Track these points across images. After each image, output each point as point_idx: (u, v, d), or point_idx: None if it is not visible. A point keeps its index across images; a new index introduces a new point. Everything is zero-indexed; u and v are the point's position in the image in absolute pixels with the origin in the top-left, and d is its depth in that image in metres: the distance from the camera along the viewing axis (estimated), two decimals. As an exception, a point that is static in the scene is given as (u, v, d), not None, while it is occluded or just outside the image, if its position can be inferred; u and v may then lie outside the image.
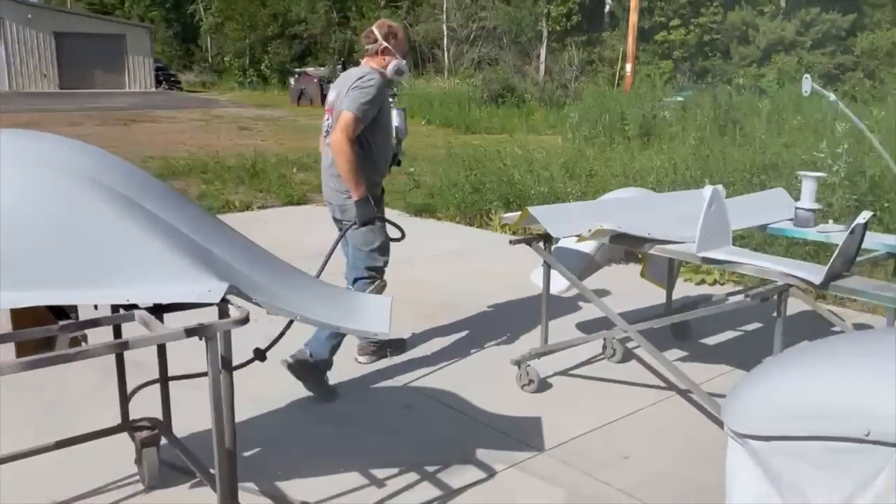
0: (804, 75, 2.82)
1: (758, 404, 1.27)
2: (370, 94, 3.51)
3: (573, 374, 4.02)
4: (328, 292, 2.53)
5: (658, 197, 4.22)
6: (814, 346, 1.41)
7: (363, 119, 3.51)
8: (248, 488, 2.78)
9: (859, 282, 2.70)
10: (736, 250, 3.12)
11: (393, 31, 3.78)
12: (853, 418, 1.11)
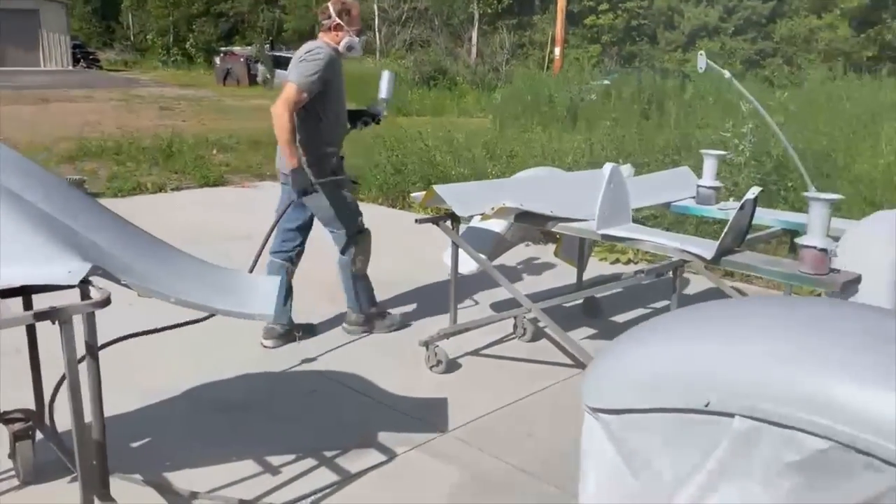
0: (699, 52, 2.83)
1: (608, 378, 1.24)
2: (315, 67, 3.58)
3: (483, 353, 4.00)
4: (211, 273, 2.42)
5: (567, 176, 4.22)
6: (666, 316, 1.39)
7: (306, 91, 3.56)
8: (133, 479, 2.66)
9: (750, 257, 2.74)
10: (635, 227, 3.13)
11: (346, 7, 3.79)
12: (694, 389, 1.09)
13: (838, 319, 1.13)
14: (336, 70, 3.75)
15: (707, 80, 17.94)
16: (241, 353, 3.85)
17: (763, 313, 1.18)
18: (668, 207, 3.84)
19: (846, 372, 0.99)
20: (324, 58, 3.62)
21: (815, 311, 1.20)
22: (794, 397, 1.00)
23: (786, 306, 1.27)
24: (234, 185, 8.96)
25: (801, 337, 1.09)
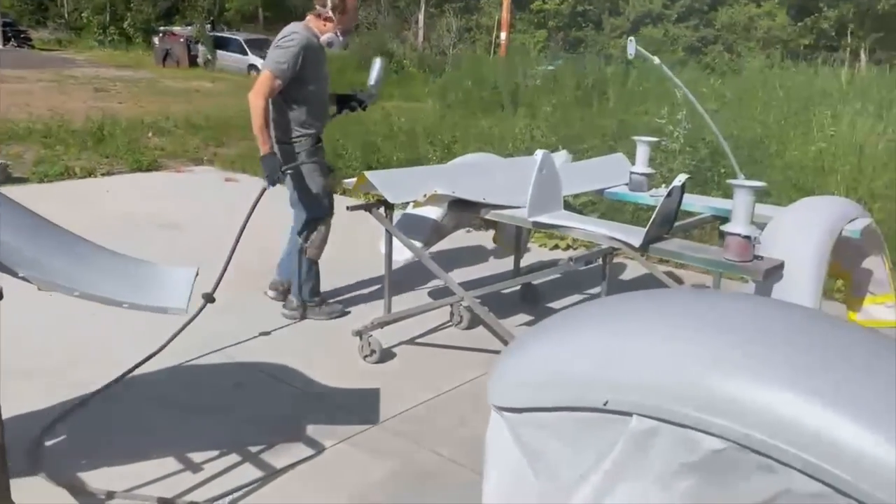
0: (629, 39, 2.82)
1: (512, 375, 1.20)
2: (286, 55, 3.61)
3: (419, 342, 3.95)
4: (122, 265, 2.30)
5: (502, 162, 4.18)
6: (570, 312, 1.36)
7: (279, 77, 3.61)
8: (42, 481, 2.53)
9: (677, 244, 2.74)
10: (566, 214, 3.11)
11: (343, 6, 3.78)
12: (593, 387, 1.06)
13: (739, 315, 1.11)
14: (314, 57, 3.74)
15: (650, 67, 18.17)
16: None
17: (663, 310, 1.15)
18: (601, 194, 3.84)
19: (741, 370, 0.97)
20: (297, 44, 3.63)
21: (717, 305, 1.18)
22: (690, 396, 0.97)
23: (688, 301, 1.25)
24: (168, 169, 8.70)
25: (698, 334, 1.06)
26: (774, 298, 1.94)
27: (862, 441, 0.85)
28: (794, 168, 5.96)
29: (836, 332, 1.08)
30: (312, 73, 3.75)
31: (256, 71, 25.55)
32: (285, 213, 4.40)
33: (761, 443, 0.91)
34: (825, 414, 0.87)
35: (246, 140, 11.09)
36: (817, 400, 0.88)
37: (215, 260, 5.30)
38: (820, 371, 0.94)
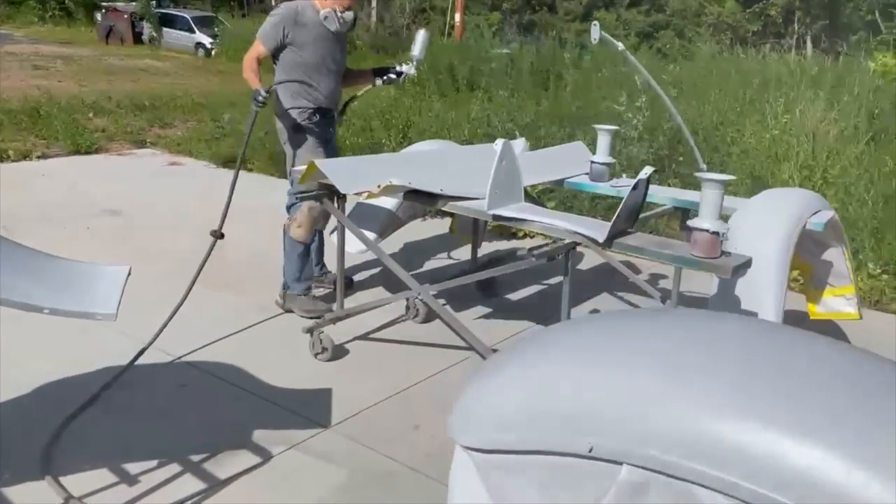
0: (593, 23, 2.69)
1: (477, 411, 1.06)
2: (269, 23, 3.82)
3: (372, 338, 3.80)
4: (42, 265, 2.09)
5: (459, 150, 4.04)
6: (547, 334, 1.23)
7: (263, 43, 3.80)
8: (-39, 500, 2.32)
9: (642, 239, 2.64)
10: (527, 207, 2.98)
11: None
12: (575, 430, 0.92)
13: (740, 344, 0.98)
14: (306, 31, 3.80)
15: (604, 52, 18.17)
16: (104, 343, 3.49)
17: (657, 336, 1.01)
18: (561, 184, 3.73)
19: (752, 416, 0.84)
20: (279, 15, 3.79)
21: (719, 332, 1.05)
22: (692, 444, 0.84)
23: (683, 325, 1.11)
24: (108, 152, 8.32)
25: (700, 370, 0.93)
26: (764, 320, 1.83)
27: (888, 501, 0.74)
28: (750, 155, 5.94)
29: (845, 360, 0.96)
30: (305, 46, 3.81)
31: (204, 50, 24.85)
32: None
33: (765, 498, 0.79)
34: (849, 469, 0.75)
35: (193, 121, 10.73)
36: (839, 453, 0.76)
37: (158, 249, 5.09)
38: (840, 416, 0.83)
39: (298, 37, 3.80)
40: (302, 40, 3.82)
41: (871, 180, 5.54)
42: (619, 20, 30.31)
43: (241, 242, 5.26)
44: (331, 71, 3.96)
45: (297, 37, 3.80)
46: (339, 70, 4.03)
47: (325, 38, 3.87)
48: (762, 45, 20.92)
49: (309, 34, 3.82)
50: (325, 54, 3.90)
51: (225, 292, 4.30)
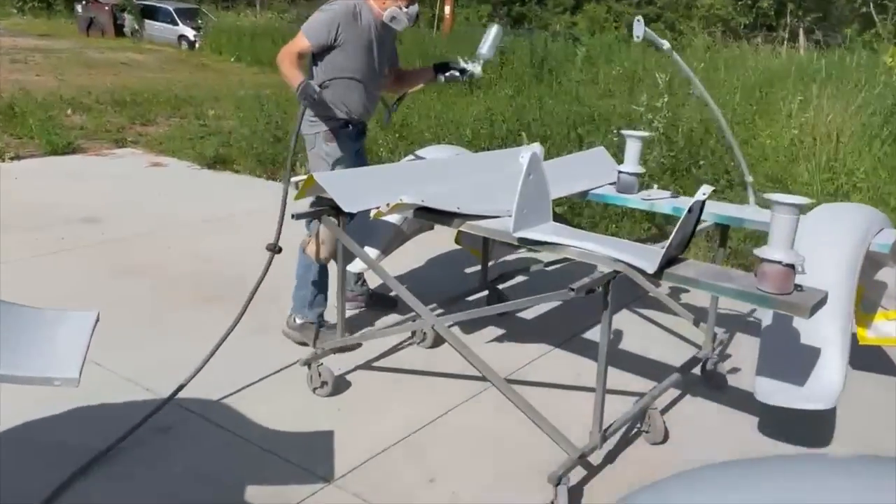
0: (636, 18, 2.34)
1: None
2: (319, 18, 3.34)
3: (376, 366, 3.43)
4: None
5: (472, 158, 3.65)
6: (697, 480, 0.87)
7: (308, 38, 3.34)
8: None
9: (696, 268, 2.29)
10: (559, 228, 2.62)
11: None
12: None
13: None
14: (360, 33, 3.38)
15: (597, 44, 17.82)
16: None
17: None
18: (585, 197, 3.37)
19: None
20: (333, 11, 3.33)
21: None
22: None
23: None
24: (86, 152, 7.88)
25: None
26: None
27: None
28: (768, 156, 5.61)
29: None
30: (357, 50, 3.39)
31: (187, 42, 24.29)
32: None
33: None
34: None
35: (176, 117, 10.29)
36: None
37: (141, 262, 4.69)
38: None
39: (351, 38, 3.36)
40: (355, 43, 3.37)
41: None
42: (610, 12, 29.99)
43: (228, 252, 4.88)
44: (376, 79, 3.56)
45: (350, 38, 3.35)
46: (384, 78, 3.65)
47: (377, 42, 3.45)
48: (753, 38, 20.66)
49: (362, 37, 3.39)
50: (375, 61, 3.48)
51: (211, 310, 3.92)
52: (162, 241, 5.08)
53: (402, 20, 3.38)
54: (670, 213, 3.18)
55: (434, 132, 6.23)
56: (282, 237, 3.06)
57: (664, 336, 3.84)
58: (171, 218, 5.58)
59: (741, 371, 3.47)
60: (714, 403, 3.19)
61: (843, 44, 17.67)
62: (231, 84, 14.68)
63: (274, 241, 3.09)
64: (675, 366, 3.53)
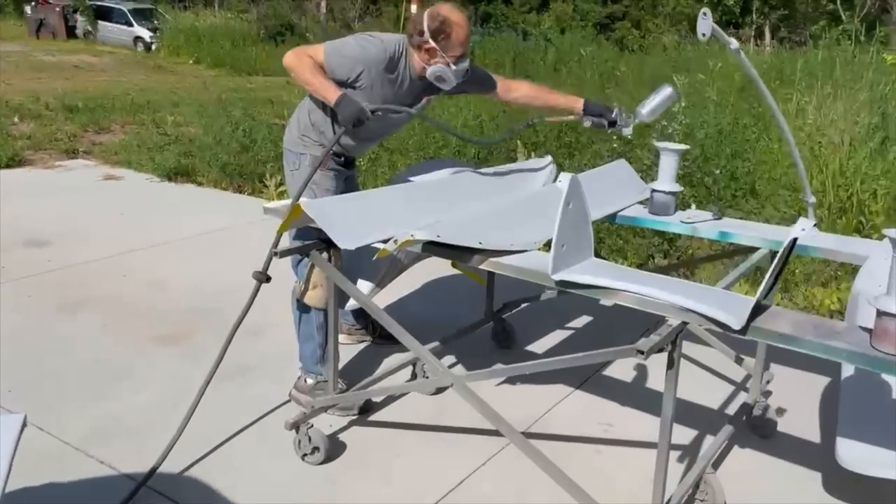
0: (702, 12, 1.89)
1: None
2: (347, 50, 2.71)
3: (375, 420, 2.94)
4: None
5: (480, 177, 3.12)
6: None
7: (328, 65, 2.70)
8: None
9: (791, 321, 1.84)
10: (603, 267, 2.17)
11: (445, 28, 2.68)
12: None
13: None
14: (383, 84, 2.75)
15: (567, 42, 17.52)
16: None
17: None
18: (613, 220, 2.92)
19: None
20: (362, 53, 2.70)
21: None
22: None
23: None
24: (34, 165, 7.22)
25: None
26: None
27: None
28: (780, 163, 5.24)
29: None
30: (369, 96, 2.73)
31: (143, 44, 23.42)
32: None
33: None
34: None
35: (132, 124, 9.63)
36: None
37: (95, 296, 4.11)
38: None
39: (375, 89, 2.75)
40: (376, 94, 2.75)
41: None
42: (577, 10, 29.76)
43: (193, 279, 4.34)
44: (392, 130, 3.11)
45: (374, 88, 2.75)
46: (402, 125, 3.23)
47: (409, 97, 2.84)
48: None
49: (388, 92, 2.78)
50: (385, 119, 2.87)
51: (175, 352, 3.40)
52: (117, 267, 4.52)
53: (450, 79, 2.76)
54: (716, 238, 2.75)
55: (418, 141, 5.75)
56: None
57: (697, 372, 3.41)
58: (128, 240, 5.01)
59: (788, 412, 3.06)
60: (768, 456, 2.76)
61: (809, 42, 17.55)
62: (191, 87, 14.03)
63: (263, 269, 2.57)
64: (712, 408, 3.12)
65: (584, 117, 3.03)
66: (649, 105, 2.89)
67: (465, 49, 2.75)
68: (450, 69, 2.73)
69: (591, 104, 3.04)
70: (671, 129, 4.68)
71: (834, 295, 4.14)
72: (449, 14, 2.68)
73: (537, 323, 3.87)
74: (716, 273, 4.44)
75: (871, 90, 6.50)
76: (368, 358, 3.43)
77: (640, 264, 4.67)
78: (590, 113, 3.02)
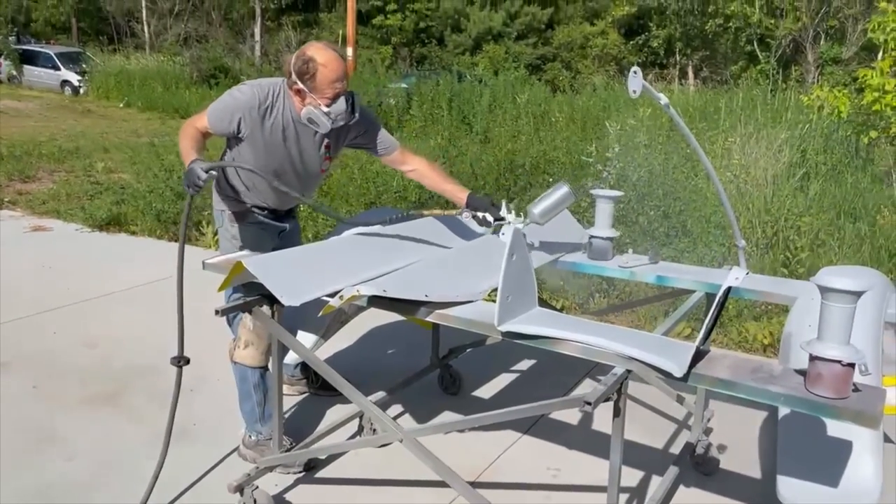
0: (633, 69, 1.97)
1: None
2: (223, 104, 2.73)
3: (322, 477, 2.88)
4: None
5: (421, 225, 3.12)
6: None
7: (209, 123, 2.73)
8: None
9: (729, 365, 1.90)
10: (547, 316, 2.20)
11: (309, 68, 2.62)
12: None
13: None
14: (264, 128, 2.72)
15: (500, 84, 17.91)
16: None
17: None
18: (553, 266, 2.97)
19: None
20: (235, 101, 2.70)
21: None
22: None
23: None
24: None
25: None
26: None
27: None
28: (702, 202, 5.43)
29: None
30: (266, 147, 2.75)
31: (71, 88, 22.88)
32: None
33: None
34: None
35: (61, 171, 9.36)
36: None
37: (22, 353, 3.94)
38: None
39: (257, 135, 2.73)
40: (262, 140, 2.74)
41: (839, 226, 5.13)
42: (509, 53, 30.44)
43: (129, 333, 4.21)
44: (301, 178, 2.91)
45: (256, 134, 2.72)
46: (315, 175, 2.99)
47: (297, 140, 2.80)
48: (645, 76, 21.36)
49: (274, 135, 2.75)
50: (294, 160, 2.84)
51: (112, 413, 3.28)
52: (47, 324, 4.35)
53: (323, 122, 2.67)
54: (653, 282, 2.82)
55: (359, 187, 5.75)
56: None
57: (639, 412, 3.46)
58: (58, 294, 4.83)
59: (729, 449, 3.13)
60: (712, 494, 2.82)
61: (730, 81, 18.37)
62: (122, 131, 13.75)
63: (178, 354, 2.54)
64: (656, 447, 3.17)
65: (465, 210, 2.86)
66: (542, 205, 2.63)
67: (336, 90, 2.66)
68: (320, 111, 2.66)
69: (473, 198, 2.87)
70: (605, 172, 4.83)
71: (766, 329, 4.29)
72: (315, 53, 2.63)
73: (482, 367, 3.88)
74: (652, 311, 4.55)
75: (790, 129, 6.84)
76: (311, 410, 3.37)
77: (580, 304, 4.75)
78: (472, 207, 2.83)
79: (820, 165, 6.36)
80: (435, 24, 32.24)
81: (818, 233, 5.15)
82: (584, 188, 4.65)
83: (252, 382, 2.86)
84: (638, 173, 4.89)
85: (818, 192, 5.69)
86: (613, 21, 30.90)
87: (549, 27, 32.89)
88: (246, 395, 2.90)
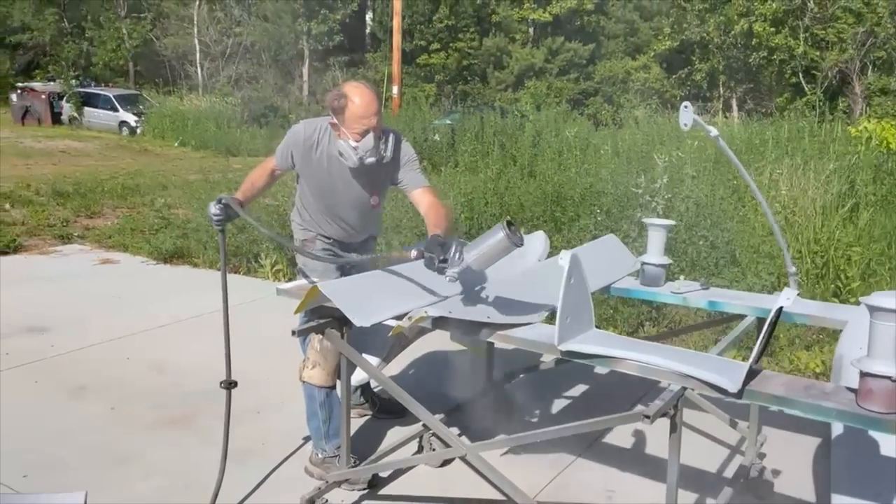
0: (683, 105, 2.11)
1: None
2: (284, 140, 3.04)
3: (383, 494, 3.01)
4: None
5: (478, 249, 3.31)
6: None
7: (275, 158, 3.05)
8: None
9: (782, 383, 1.99)
10: (604, 337, 2.32)
11: (341, 103, 2.79)
12: None
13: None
14: (312, 161, 2.99)
15: (543, 119, 18.13)
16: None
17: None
18: (606, 292, 3.09)
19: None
20: (289, 137, 3.01)
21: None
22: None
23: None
24: (29, 251, 7.32)
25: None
26: None
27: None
28: (757, 232, 5.48)
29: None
30: (310, 177, 3.06)
31: (128, 128, 23.83)
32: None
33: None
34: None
35: (123, 208, 9.79)
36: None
37: (98, 381, 4.17)
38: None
39: (307, 167, 3.01)
40: (311, 172, 3.02)
41: (890, 255, 5.13)
42: (551, 89, 30.75)
43: (196, 359, 4.42)
44: (351, 208, 3.09)
45: (306, 167, 3.01)
46: (368, 208, 3.12)
47: (340, 173, 2.97)
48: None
49: (320, 167, 2.98)
50: (340, 191, 3.03)
51: (181, 435, 3.46)
52: (119, 351, 4.59)
53: (350, 157, 2.82)
54: (705, 307, 2.92)
55: (411, 219, 5.95)
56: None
57: (693, 437, 3.51)
58: (129, 323, 5.09)
59: (782, 473, 3.17)
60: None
61: (775, 113, 18.29)
62: (178, 169, 14.28)
63: (226, 377, 2.74)
64: (710, 471, 3.22)
65: (413, 248, 2.75)
66: (476, 249, 2.40)
67: (364, 126, 2.76)
68: (348, 145, 2.80)
69: (427, 239, 2.61)
70: (654, 203, 4.93)
71: (818, 357, 4.31)
72: (348, 90, 2.81)
73: (534, 392, 3.97)
74: (702, 338, 4.60)
75: (837, 160, 6.85)
76: (372, 431, 3.51)
77: (630, 332, 4.82)
78: (422, 247, 2.58)
79: (869, 196, 6.35)
80: (477, 61, 32.80)
81: (869, 262, 5.15)
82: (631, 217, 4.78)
83: (318, 401, 3.02)
84: (686, 204, 4.98)
85: (868, 223, 5.69)
86: (655, 55, 31.01)
87: (590, 62, 33.15)
88: (312, 414, 3.06)
